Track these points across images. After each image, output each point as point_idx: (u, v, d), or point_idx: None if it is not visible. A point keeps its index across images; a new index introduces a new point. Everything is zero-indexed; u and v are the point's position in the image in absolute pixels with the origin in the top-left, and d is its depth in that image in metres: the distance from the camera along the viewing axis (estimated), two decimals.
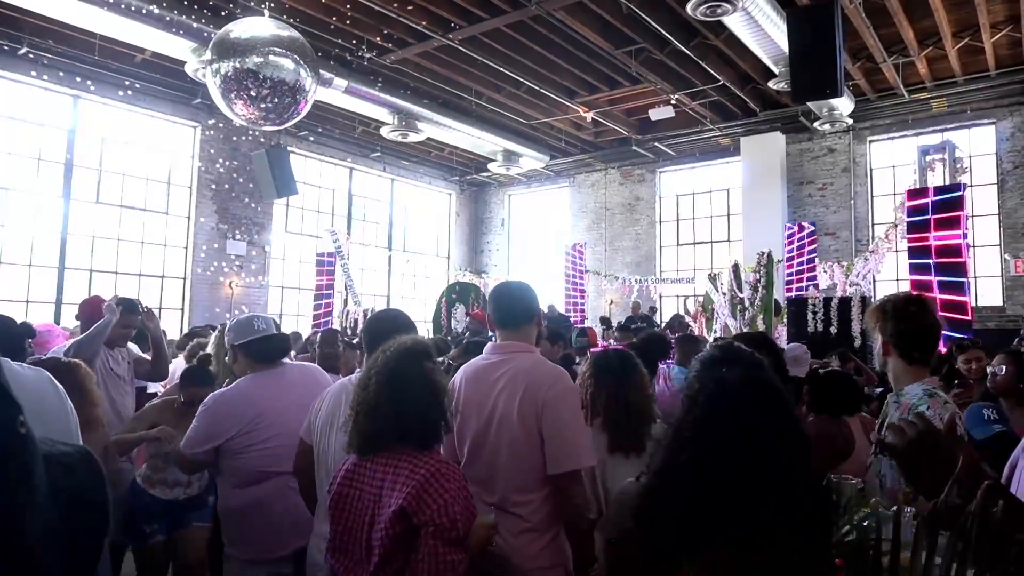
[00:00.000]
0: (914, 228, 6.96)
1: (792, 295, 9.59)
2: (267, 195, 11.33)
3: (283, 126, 6.94)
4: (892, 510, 1.38)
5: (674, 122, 13.05)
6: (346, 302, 12.62)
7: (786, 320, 9.05)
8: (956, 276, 6.39)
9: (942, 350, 5.48)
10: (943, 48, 9.82)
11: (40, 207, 11.02)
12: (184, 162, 12.61)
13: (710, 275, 10.97)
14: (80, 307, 4.44)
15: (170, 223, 12.45)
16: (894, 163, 12.85)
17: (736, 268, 9.83)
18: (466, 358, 2.91)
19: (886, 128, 12.70)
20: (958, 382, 3.99)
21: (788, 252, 10.19)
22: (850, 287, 9.45)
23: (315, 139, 14.06)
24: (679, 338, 5.35)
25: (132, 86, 10.95)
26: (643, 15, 8.64)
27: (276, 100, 5.97)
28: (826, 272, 10.02)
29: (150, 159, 12.24)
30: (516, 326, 2.27)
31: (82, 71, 10.57)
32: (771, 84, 10.31)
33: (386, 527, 1.63)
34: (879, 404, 3.97)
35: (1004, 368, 3.08)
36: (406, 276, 16.78)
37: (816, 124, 11.82)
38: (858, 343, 7.73)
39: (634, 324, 10.72)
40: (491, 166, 14.80)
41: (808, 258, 9.85)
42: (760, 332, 5.71)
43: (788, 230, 10.58)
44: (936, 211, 6.68)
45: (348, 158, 15.25)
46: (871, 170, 13.03)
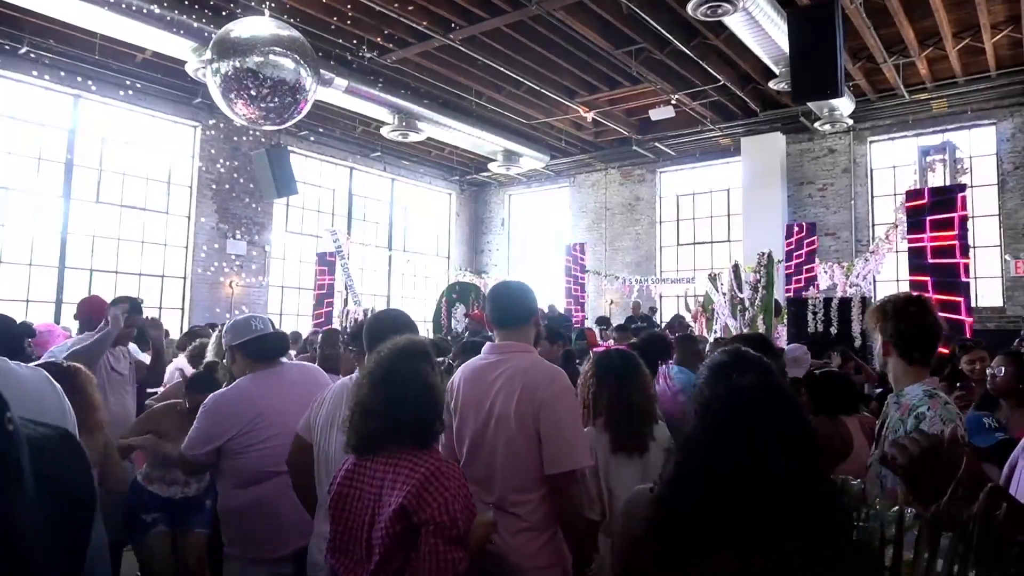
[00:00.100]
0: (912, 229, 6.99)
1: (792, 295, 9.59)
2: (267, 195, 11.33)
3: (283, 126, 6.93)
4: (893, 510, 1.38)
5: (674, 122, 13.05)
6: (346, 302, 12.61)
7: (786, 320, 9.05)
8: (950, 276, 6.39)
9: (944, 351, 5.48)
10: (943, 48, 9.81)
11: (40, 207, 11.02)
12: (184, 162, 12.61)
13: (710, 275, 10.96)
14: (79, 307, 4.42)
15: (170, 223, 12.46)
16: (894, 163, 12.85)
17: (736, 268, 9.82)
18: (464, 358, 2.90)
19: (886, 128, 12.70)
20: (960, 384, 3.97)
21: (792, 253, 10.19)
22: (850, 287, 9.44)
23: (315, 139, 14.06)
24: (679, 338, 5.35)
25: (132, 86, 10.95)
26: (643, 15, 8.63)
27: (276, 100, 5.96)
28: (826, 272, 10.01)
29: (150, 159, 12.25)
30: (514, 326, 2.27)
31: (82, 71, 10.57)
32: (771, 84, 10.31)
33: (386, 526, 1.63)
34: (879, 404, 3.97)
35: (1003, 369, 3.07)
36: (406, 276, 16.78)
37: (816, 124, 11.82)
38: (858, 343, 7.73)
39: (634, 324, 10.71)
40: (491, 166, 14.80)
41: (808, 258, 9.85)
42: (758, 333, 5.71)
43: (788, 230, 10.58)
44: (932, 212, 6.69)
45: (348, 158, 15.24)
46: (871, 170, 13.03)
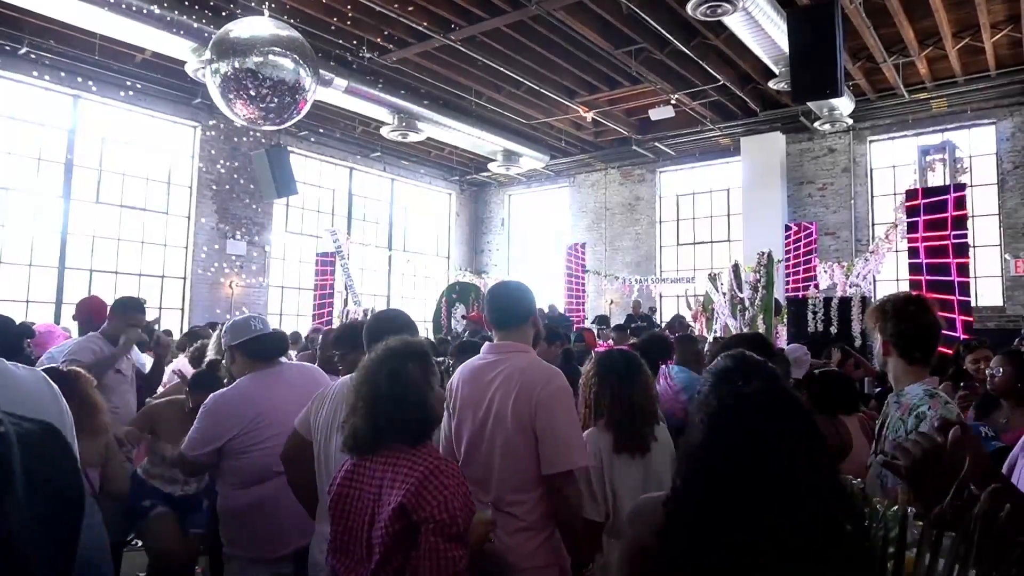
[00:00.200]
0: (909, 229, 7.00)
1: (792, 295, 9.59)
2: (267, 195, 11.33)
3: (283, 126, 6.94)
4: (894, 509, 1.37)
5: (674, 122, 13.05)
6: (346, 302, 12.62)
7: (786, 320, 9.04)
8: (943, 275, 6.38)
9: (948, 351, 5.48)
10: (943, 48, 9.81)
11: (40, 207, 11.02)
12: (184, 162, 12.61)
13: (710, 275, 10.96)
14: (77, 307, 4.42)
15: (170, 223, 12.46)
16: (894, 163, 12.85)
17: (736, 268, 9.82)
18: (462, 357, 2.90)
19: (886, 128, 12.70)
20: (964, 383, 3.96)
21: (792, 252, 10.18)
22: (850, 287, 9.43)
23: (315, 139, 14.06)
24: (679, 338, 5.37)
25: (132, 86, 10.95)
26: (643, 15, 8.63)
27: (276, 100, 5.97)
28: (826, 272, 10.01)
29: (150, 159, 12.25)
30: (512, 326, 2.27)
31: (82, 71, 10.57)
32: (771, 84, 10.31)
33: (386, 525, 1.63)
34: (878, 403, 3.96)
35: (1002, 369, 3.06)
36: (406, 276, 16.78)
37: (816, 124, 11.82)
38: (858, 343, 7.72)
39: (634, 324, 10.72)
40: (491, 166, 14.80)
41: (809, 258, 9.84)
42: (756, 333, 5.70)
43: (787, 230, 10.58)
44: (926, 212, 6.69)
45: (348, 158, 15.24)
46: (871, 170, 13.02)
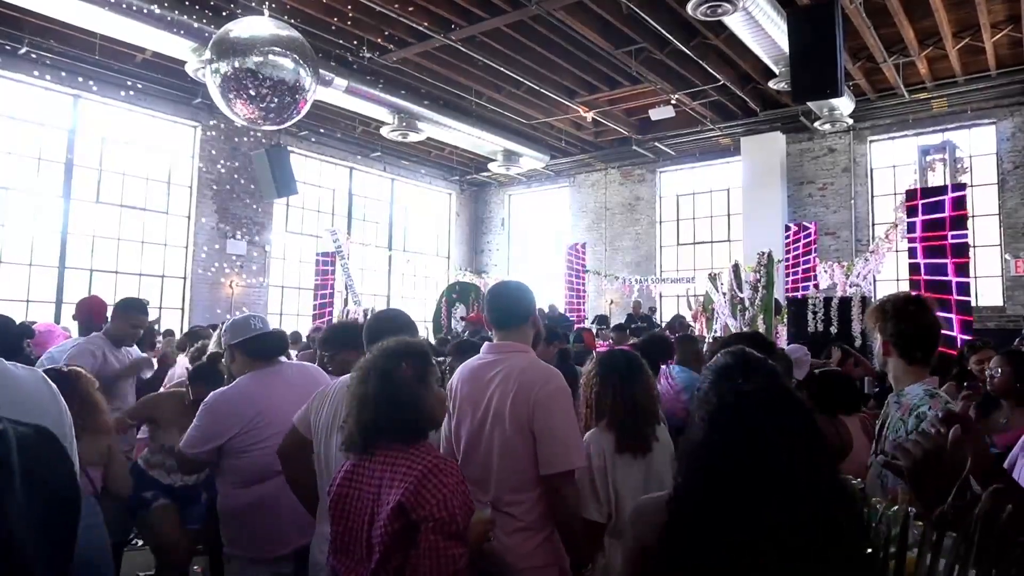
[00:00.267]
0: (910, 229, 6.99)
1: (792, 295, 9.58)
2: (267, 195, 11.33)
3: (283, 126, 6.94)
4: (894, 509, 1.37)
5: (674, 122, 13.04)
6: (346, 302, 12.62)
7: (786, 320, 9.04)
8: (942, 276, 6.37)
9: (951, 352, 5.48)
10: (943, 48, 9.81)
11: (40, 207, 11.03)
12: (184, 162, 12.61)
13: (710, 275, 10.96)
14: (77, 307, 4.43)
15: (170, 223, 12.46)
16: (894, 163, 12.85)
17: (736, 268, 9.82)
18: (461, 357, 2.90)
19: (886, 128, 12.70)
20: (968, 383, 3.96)
21: (791, 252, 10.17)
22: (850, 287, 9.43)
23: (315, 139, 14.07)
24: (679, 338, 5.38)
25: (132, 86, 10.95)
26: (643, 15, 8.63)
27: (276, 100, 5.97)
28: (826, 272, 10.00)
29: (150, 159, 12.25)
30: (512, 326, 2.27)
31: (82, 71, 10.57)
32: (771, 84, 10.31)
33: (385, 524, 1.63)
34: (877, 403, 3.96)
35: (1001, 369, 3.06)
36: (406, 276, 16.78)
37: (816, 124, 11.82)
38: (858, 343, 7.71)
39: (634, 324, 10.72)
40: (491, 166, 14.80)
41: (808, 258, 9.83)
42: (756, 332, 5.69)
43: (788, 230, 10.56)
44: (925, 212, 6.67)
45: (348, 158, 15.24)
46: (871, 170, 13.03)
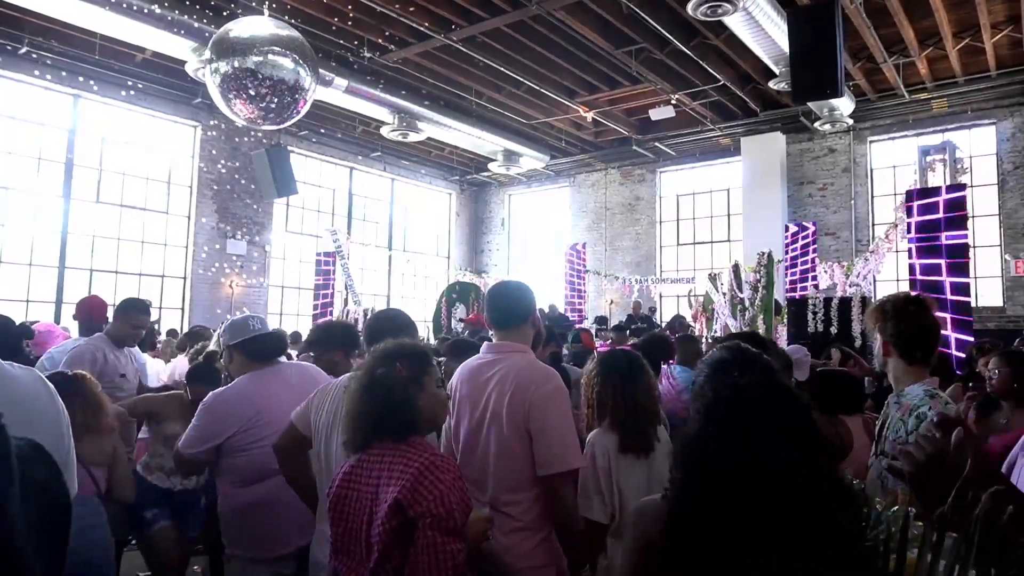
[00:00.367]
0: (908, 230, 6.97)
1: (792, 295, 9.58)
2: (267, 195, 11.33)
3: (282, 126, 6.94)
4: (894, 509, 1.37)
5: (674, 122, 13.04)
6: (346, 302, 12.62)
7: (786, 320, 9.04)
8: (937, 276, 6.35)
9: (960, 354, 5.48)
10: (943, 48, 9.80)
11: (40, 207, 11.03)
12: (184, 162, 12.61)
13: (710, 275, 10.96)
14: (78, 307, 4.42)
15: (170, 223, 12.46)
16: (894, 163, 12.85)
17: (736, 268, 9.82)
18: (457, 357, 2.90)
19: (886, 128, 12.69)
20: (973, 384, 3.96)
21: (791, 252, 10.17)
22: (850, 287, 9.42)
23: (316, 139, 14.07)
24: (679, 338, 5.40)
25: (133, 86, 10.96)
26: (643, 15, 8.63)
27: (275, 99, 5.97)
28: (826, 272, 9.99)
29: (150, 159, 12.25)
30: (512, 326, 2.27)
31: (82, 71, 10.57)
32: (771, 84, 10.31)
33: (383, 522, 1.63)
34: (875, 402, 3.96)
35: (1000, 370, 3.05)
36: (406, 276, 16.78)
37: (816, 124, 11.81)
38: (858, 343, 7.71)
39: (634, 324, 10.72)
40: (491, 166, 14.80)
41: (808, 258, 9.83)
42: (752, 331, 5.69)
43: (788, 230, 10.56)
44: (920, 213, 6.66)
45: (348, 158, 15.24)
46: (871, 170, 13.02)
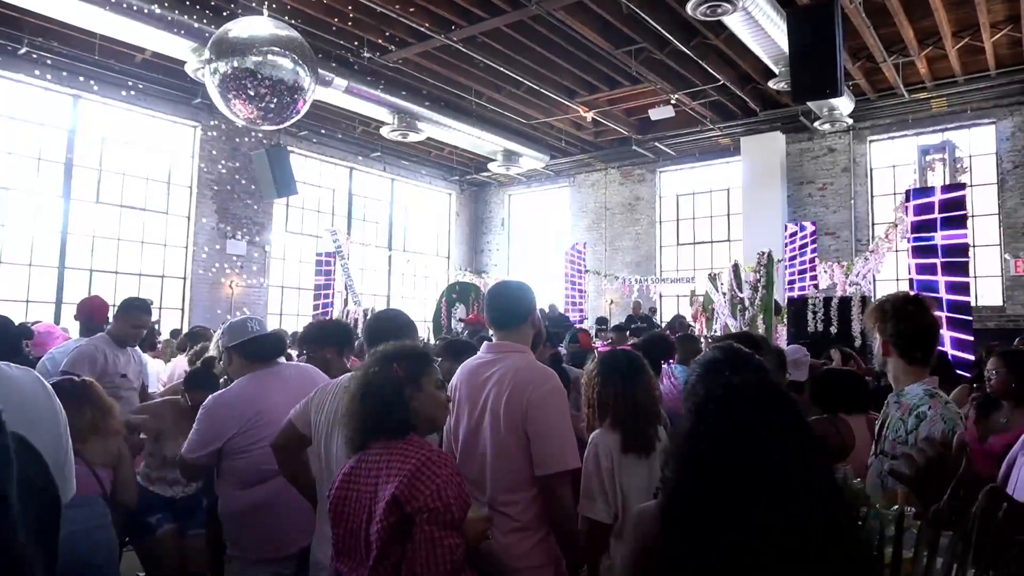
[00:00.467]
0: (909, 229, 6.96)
1: (792, 295, 9.57)
2: (267, 195, 11.33)
3: (282, 126, 6.94)
4: (893, 509, 1.37)
5: (674, 122, 13.04)
6: (346, 302, 12.60)
7: (786, 320, 9.03)
8: (932, 276, 6.34)
9: (958, 354, 5.48)
10: (943, 48, 9.80)
11: (40, 207, 11.02)
12: (184, 162, 12.61)
13: (710, 275, 10.96)
14: (78, 307, 4.43)
15: (170, 223, 12.46)
16: (894, 163, 12.85)
17: (736, 268, 9.82)
18: (449, 358, 2.90)
19: (886, 128, 12.69)
20: (977, 385, 3.97)
21: (789, 252, 10.16)
22: (850, 287, 9.41)
23: (316, 139, 14.06)
24: (680, 337, 5.42)
25: (133, 86, 10.95)
26: (643, 15, 8.63)
27: (275, 100, 5.97)
28: (826, 272, 9.98)
29: (150, 159, 12.25)
30: (512, 326, 2.27)
31: (82, 71, 10.56)
32: (771, 84, 10.31)
33: (381, 519, 1.63)
34: (873, 402, 3.96)
35: (997, 371, 3.05)
36: (406, 276, 16.78)
37: (816, 124, 11.81)
38: (858, 343, 7.71)
39: (634, 324, 10.72)
40: (491, 166, 14.80)
41: (808, 258, 9.82)
42: (746, 332, 5.69)
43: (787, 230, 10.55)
44: (916, 213, 6.65)
45: (348, 158, 15.24)
46: (871, 170, 13.02)
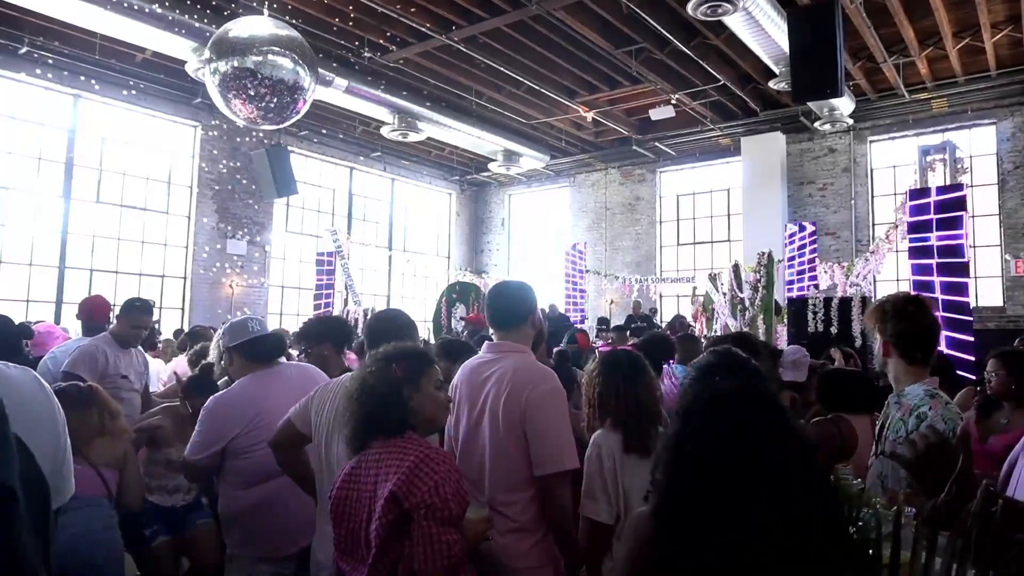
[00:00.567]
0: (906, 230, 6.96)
1: (792, 295, 9.57)
2: (267, 195, 11.32)
3: (282, 125, 6.93)
4: (893, 509, 1.38)
5: (674, 122, 13.04)
6: (346, 302, 12.61)
7: (786, 320, 9.04)
8: (928, 276, 6.34)
9: (957, 354, 5.48)
10: (943, 48, 9.80)
11: (40, 207, 11.02)
12: (184, 162, 12.61)
13: (710, 275, 10.96)
14: (80, 307, 4.43)
15: (170, 223, 12.45)
16: (895, 163, 12.84)
17: (736, 268, 9.82)
18: (445, 359, 2.90)
19: (887, 128, 12.69)
20: (979, 387, 3.98)
21: (789, 253, 10.16)
22: (850, 287, 9.42)
23: (316, 139, 14.06)
24: (680, 337, 5.42)
25: (133, 86, 10.95)
26: (643, 15, 8.63)
27: (275, 99, 5.97)
28: (826, 272, 9.98)
29: (150, 159, 12.24)
30: (512, 326, 2.27)
31: (83, 71, 10.56)
32: (771, 84, 10.30)
33: (380, 516, 1.63)
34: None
35: (996, 372, 3.05)
36: (406, 276, 16.77)
37: (816, 124, 11.81)
38: (858, 343, 7.71)
39: (634, 324, 10.73)
40: (491, 166, 14.79)
41: (808, 258, 9.82)
42: (744, 333, 5.69)
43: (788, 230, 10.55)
44: (914, 214, 6.65)
45: (348, 158, 15.24)
46: (871, 170, 13.02)
